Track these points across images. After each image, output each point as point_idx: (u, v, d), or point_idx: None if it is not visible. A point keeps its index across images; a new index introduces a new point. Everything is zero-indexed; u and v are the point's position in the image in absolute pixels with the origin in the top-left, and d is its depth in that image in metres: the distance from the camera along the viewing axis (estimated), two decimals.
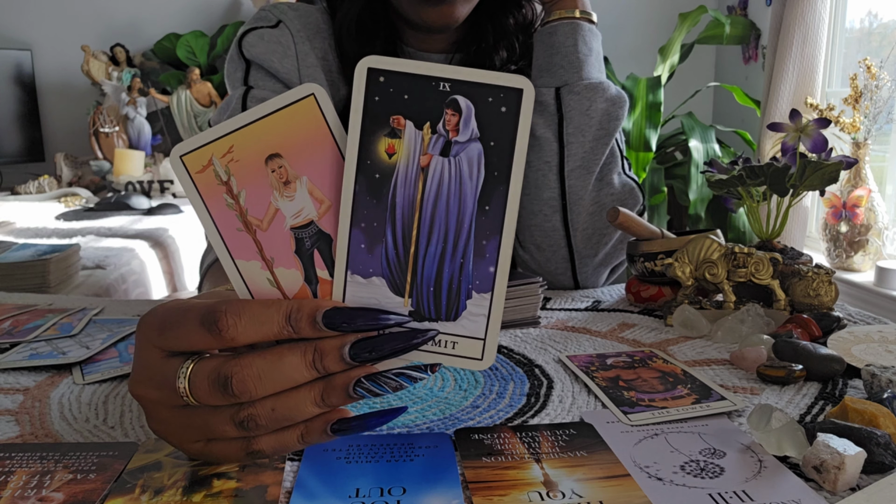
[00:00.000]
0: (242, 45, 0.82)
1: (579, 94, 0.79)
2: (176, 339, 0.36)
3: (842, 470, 0.37)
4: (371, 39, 0.82)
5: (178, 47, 3.16)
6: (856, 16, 2.84)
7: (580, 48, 0.80)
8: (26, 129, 3.17)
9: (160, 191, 2.90)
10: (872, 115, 2.37)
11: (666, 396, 0.49)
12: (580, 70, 0.79)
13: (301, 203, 0.38)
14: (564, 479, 0.38)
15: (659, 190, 2.80)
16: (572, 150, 0.79)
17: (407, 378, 0.36)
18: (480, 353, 0.39)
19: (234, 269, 0.39)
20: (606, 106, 0.79)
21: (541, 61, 0.81)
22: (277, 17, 0.83)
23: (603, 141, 0.79)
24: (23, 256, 1.46)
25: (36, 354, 0.58)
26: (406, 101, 0.36)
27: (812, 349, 0.54)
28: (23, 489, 0.38)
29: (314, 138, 0.38)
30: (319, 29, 0.84)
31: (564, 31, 0.80)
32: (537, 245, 0.82)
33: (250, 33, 0.83)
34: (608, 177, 0.81)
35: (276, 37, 0.82)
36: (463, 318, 0.38)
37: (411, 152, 0.37)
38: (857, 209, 2.38)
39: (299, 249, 0.39)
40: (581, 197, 0.79)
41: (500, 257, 0.37)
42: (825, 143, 0.75)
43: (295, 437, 0.37)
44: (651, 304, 0.74)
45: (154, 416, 0.39)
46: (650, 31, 3.46)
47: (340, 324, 0.36)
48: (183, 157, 0.38)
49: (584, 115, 0.79)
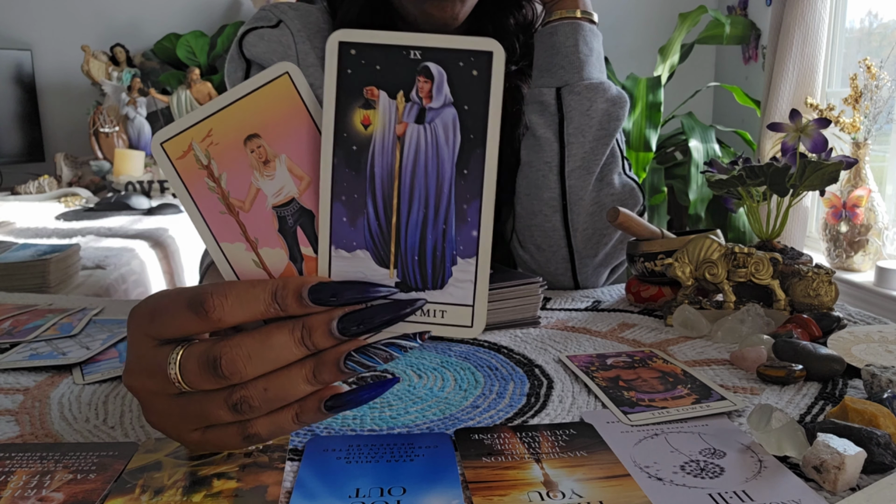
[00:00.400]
0: (243, 44, 0.83)
1: (580, 95, 0.79)
2: (165, 326, 0.37)
3: (842, 470, 0.37)
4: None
5: (178, 47, 3.16)
6: (856, 16, 2.84)
7: (581, 48, 0.80)
8: (26, 129, 3.17)
9: (160, 191, 2.90)
10: (872, 115, 2.37)
11: (666, 396, 0.49)
12: (581, 70, 0.79)
13: (281, 181, 0.38)
14: (564, 479, 0.38)
15: (659, 190, 2.80)
16: (573, 151, 0.79)
17: (397, 348, 0.36)
18: (470, 320, 0.38)
19: (220, 253, 0.39)
20: (607, 106, 0.79)
21: (541, 61, 0.81)
22: (278, 16, 0.83)
23: (603, 141, 0.79)
24: (23, 256, 1.46)
25: (36, 355, 0.58)
26: (378, 71, 0.36)
27: (812, 349, 0.54)
28: (23, 489, 0.38)
29: (291, 116, 0.38)
30: (320, 28, 0.84)
31: (565, 31, 0.80)
32: (537, 245, 0.82)
33: (251, 33, 0.83)
34: (608, 177, 0.81)
35: (277, 36, 0.82)
36: (449, 285, 0.38)
37: (387, 122, 0.37)
38: (857, 209, 2.38)
39: (282, 228, 0.39)
40: (581, 197, 0.79)
41: (482, 220, 0.37)
42: (825, 143, 0.75)
43: (290, 417, 0.37)
44: (651, 304, 0.74)
45: (150, 408, 0.39)
46: (650, 31, 3.46)
47: (327, 298, 0.36)
48: (163, 144, 0.38)
49: (584, 115, 0.79)
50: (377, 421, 0.47)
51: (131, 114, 3.04)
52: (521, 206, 0.82)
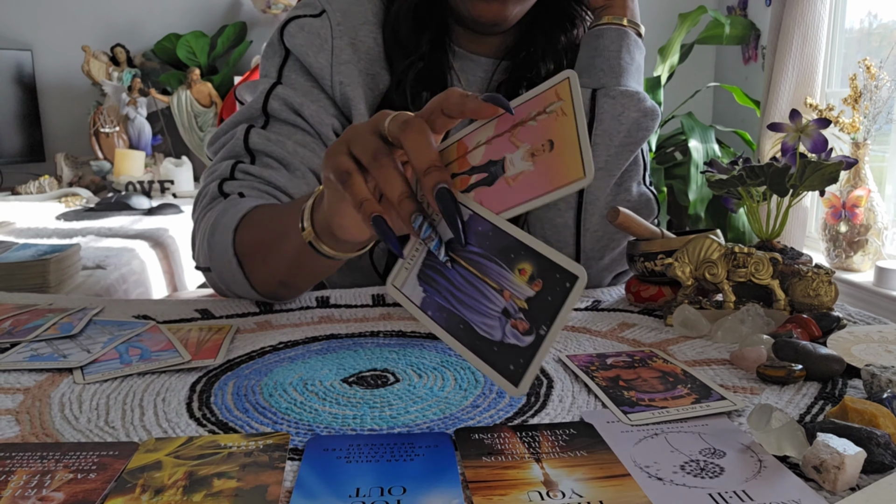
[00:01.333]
0: (284, 33, 0.83)
1: (614, 100, 0.79)
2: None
3: (841, 470, 0.37)
4: (422, 30, 0.82)
5: (179, 48, 3.16)
6: (855, 16, 2.84)
7: (623, 56, 0.80)
8: (27, 129, 3.17)
9: (160, 191, 2.90)
10: (872, 116, 2.37)
11: (666, 396, 0.49)
12: (619, 76, 0.80)
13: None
14: (564, 478, 0.39)
15: (659, 190, 2.80)
16: (597, 152, 0.79)
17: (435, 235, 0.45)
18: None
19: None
20: (638, 116, 0.79)
21: (583, 62, 0.82)
22: (323, 6, 0.83)
23: (629, 148, 0.80)
24: (23, 256, 1.46)
25: (36, 356, 0.58)
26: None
27: (812, 349, 0.54)
28: (23, 489, 0.38)
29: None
30: (366, 20, 0.83)
31: (611, 35, 0.80)
32: (545, 239, 0.82)
33: (293, 22, 0.82)
34: (627, 183, 0.81)
35: (317, 28, 0.81)
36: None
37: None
38: (857, 209, 2.38)
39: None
40: (597, 198, 0.80)
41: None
42: (825, 144, 0.75)
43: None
44: (651, 304, 0.74)
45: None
46: (650, 31, 3.43)
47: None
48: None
49: (615, 119, 0.79)
50: (377, 420, 0.47)
51: (132, 114, 3.04)
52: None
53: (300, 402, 0.50)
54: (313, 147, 0.81)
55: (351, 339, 0.64)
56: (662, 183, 2.84)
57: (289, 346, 0.62)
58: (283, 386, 0.53)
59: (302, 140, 0.81)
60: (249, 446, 0.42)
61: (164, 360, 0.57)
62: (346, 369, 0.56)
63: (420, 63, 0.82)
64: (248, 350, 0.61)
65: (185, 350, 0.59)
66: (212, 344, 0.61)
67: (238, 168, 0.79)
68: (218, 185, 0.79)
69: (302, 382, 0.53)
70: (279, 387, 0.52)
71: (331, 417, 0.47)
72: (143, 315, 0.71)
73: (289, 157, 0.79)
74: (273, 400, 0.50)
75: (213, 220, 0.74)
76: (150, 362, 0.57)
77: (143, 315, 0.71)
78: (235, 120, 0.83)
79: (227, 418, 0.48)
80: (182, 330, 0.65)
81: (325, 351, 0.60)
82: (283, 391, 0.52)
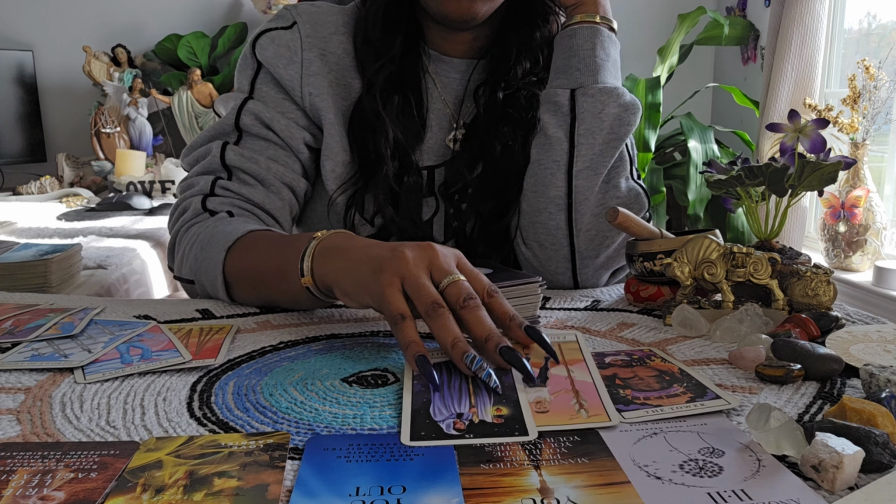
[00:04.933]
0: (256, 46, 0.85)
1: (593, 97, 0.79)
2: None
3: (840, 469, 0.37)
4: (394, 32, 0.83)
5: (180, 48, 3.16)
6: (854, 17, 2.84)
7: (598, 53, 0.80)
8: (28, 129, 3.17)
9: (161, 191, 2.90)
10: (871, 116, 2.37)
11: (661, 395, 0.49)
12: (596, 74, 0.80)
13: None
14: (562, 486, 0.38)
15: (658, 190, 2.80)
16: (582, 151, 0.79)
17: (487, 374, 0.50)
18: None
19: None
20: (619, 111, 0.80)
21: (559, 63, 0.82)
22: (294, 17, 0.85)
23: (613, 144, 0.80)
24: (24, 256, 1.46)
25: (38, 356, 0.59)
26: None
27: (810, 349, 0.54)
28: (24, 488, 0.38)
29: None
30: (336, 30, 0.85)
31: (584, 34, 0.81)
32: (539, 242, 0.82)
33: (265, 35, 0.85)
34: (615, 180, 0.81)
35: (287, 41, 0.83)
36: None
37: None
38: (856, 209, 2.38)
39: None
40: (587, 197, 0.80)
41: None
42: (824, 144, 0.75)
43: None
44: (650, 304, 0.74)
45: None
46: (649, 31, 3.46)
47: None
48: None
49: (596, 117, 0.79)
50: (377, 420, 0.47)
51: (132, 114, 3.04)
52: (527, 203, 0.82)
53: (300, 401, 0.50)
54: (285, 161, 0.84)
55: (351, 339, 0.64)
56: (661, 183, 2.84)
57: (289, 345, 0.62)
58: (283, 385, 0.53)
59: (274, 155, 0.84)
60: (250, 446, 0.42)
61: (164, 360, 0.57)
62: (346, 369, 0.56)
63: (391, 66, 0.83)
64: (248, 350, 0.61)
65: (185, 350, 0.59)
66: (212, 344, 0.61)
67: (218, 184, 0.82)
68: (201, 201, 0.81)
69: (302, 382, 0.53)
70: (279, 386, 0.53)
71: (331, 417, 0.47)
72: (144, 315, 0.71)
73: (263, 172, 0.83)
74: (273, 399, 0.50)
75: (204, 235, 0.76)
76: (150, 362, 0.57)
77: (144, 315, 0.71)
78: (209, 135, 0.86)
79: (228, 418, 0.48)
80: (183, 330, 0.65)
81: (325, 351, 0.60)
82: (284, 391, 0.52)
